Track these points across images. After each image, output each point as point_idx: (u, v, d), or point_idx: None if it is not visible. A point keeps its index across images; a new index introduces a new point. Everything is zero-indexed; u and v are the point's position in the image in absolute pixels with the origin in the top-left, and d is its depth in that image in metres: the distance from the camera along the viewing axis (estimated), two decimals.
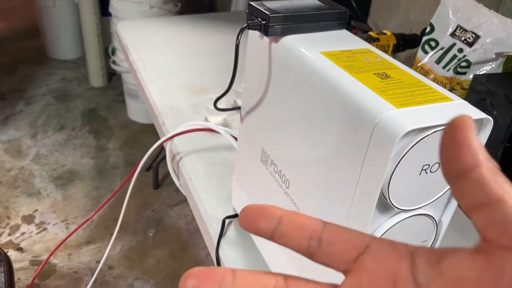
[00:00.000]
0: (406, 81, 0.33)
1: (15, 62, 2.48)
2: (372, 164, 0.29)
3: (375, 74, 0.34)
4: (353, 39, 0.41)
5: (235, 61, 0.41)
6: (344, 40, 0.40)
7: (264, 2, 0.41)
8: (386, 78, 0.33)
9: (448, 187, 0.32)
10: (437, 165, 0.30)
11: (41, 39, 2.56)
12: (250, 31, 0.43)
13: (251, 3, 0.41)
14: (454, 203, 0.35)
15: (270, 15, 0.39)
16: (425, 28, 0.74)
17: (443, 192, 0.33)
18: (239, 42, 0.40)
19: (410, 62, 0.95)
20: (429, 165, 0.30)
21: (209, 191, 0.64)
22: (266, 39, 0.42)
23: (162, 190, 1.69)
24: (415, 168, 0.30)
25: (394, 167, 0.28)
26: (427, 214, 0.33)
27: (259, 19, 0.40)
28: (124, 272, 1.36)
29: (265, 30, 0.39)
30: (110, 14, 1.88)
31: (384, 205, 0.31)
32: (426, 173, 0.30)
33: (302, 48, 0.38)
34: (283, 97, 0.41)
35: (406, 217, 0.32)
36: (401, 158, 0.28)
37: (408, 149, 0.28)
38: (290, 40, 0.40)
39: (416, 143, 0.28)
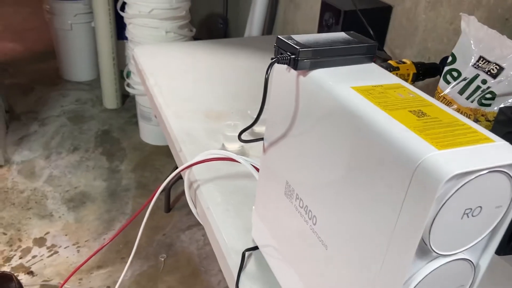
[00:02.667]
0: (444, 119, 0.32)
1: (31, 84, 2.52)
2: (412, 209, 0.28)
3: (410, 111, 0.33)
4: (383, 73, 0.40)
5: (263, 96, 0.41)
6: (374, 74, 0.40)
7: (293, 36, 0.41)
8: (423, 116, 0.32)
9: (488, 230, 0.31)
10: (479, 209, 0.29)
11: (57, 61, 2.61)
12: (276, 64, 0.42)
13: (279, 36, 0.41)
14: (492, 247, 0.33)
15: (300, 50, 0.38)
16: (446, 57, 0.74)
17: (483, 236, 0.31)
18: (268, 77, 0.40)
19: (428, 90, 0.94)
20: (471, 209, 0.29)
21: (228, 221, 0.63)
22: (293, 72, 0.41)
23: (174, 214, 1.68)
24: (457, 213, 0.28)
25: (437, 212, 0.27)
26: (466, 259, 0.32)
27: (288, 53, 0.39)
28: None
29: (294, 64, 0.39)
30: (125, 38, 1.91)
31: (423, 250, 0.30)
32: (468, 217, 0.29)
33: (332, 83, 0.38)
34: (310, 131, 0.40)
35: (445, 262, 0.31)
36: (444, 203, 0.27)
37: (451, 194, 0.27)
38: (319, 74, 0.39)
39: (460, 187, 0.27)
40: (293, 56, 0.39)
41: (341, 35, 0.43)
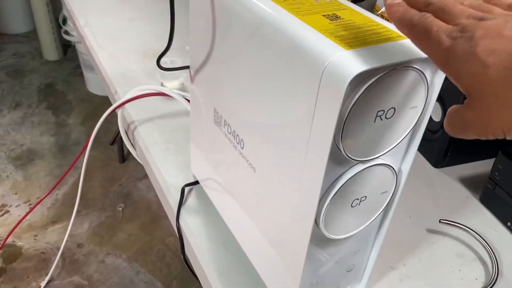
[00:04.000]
0: (358, 21, 0.30)
1: None
2: (323, 113, 0.27)
3: (324, 15, 0.31)
4: None
5: (171, 11, 0.37)
6: None
7: None
8: (336, 20, 0.30)
9: (405, 133, 0.30)
10: (393, 110, 0.28)
11: None
12: None
13: None
14: (413, 151, 0.33)
15: None
16: None
17: (400, 140, 0.31)
18: None
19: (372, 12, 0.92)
20: (383, 110, 0.28)
21: (168, 159, 0.61)
22: None
23: (129, 164, 1.64)
24: (369, 115, 0.27)
25: (346, 114, 0.26)
26: (386, 164, 0.31)
27: None
28: (95, 249, 1.33)
29: None
30: None
31: (340, 157, 0.29)
32: (381, 119, 0.28)
33: None
34: (230, 51, 0.37)
35: (363, 168, 0.30)
36: (353, 104, 0.26)
37: (360, 93, 0.25)
38: None
39: (368, 86, 0.25)
40: None
41: None
